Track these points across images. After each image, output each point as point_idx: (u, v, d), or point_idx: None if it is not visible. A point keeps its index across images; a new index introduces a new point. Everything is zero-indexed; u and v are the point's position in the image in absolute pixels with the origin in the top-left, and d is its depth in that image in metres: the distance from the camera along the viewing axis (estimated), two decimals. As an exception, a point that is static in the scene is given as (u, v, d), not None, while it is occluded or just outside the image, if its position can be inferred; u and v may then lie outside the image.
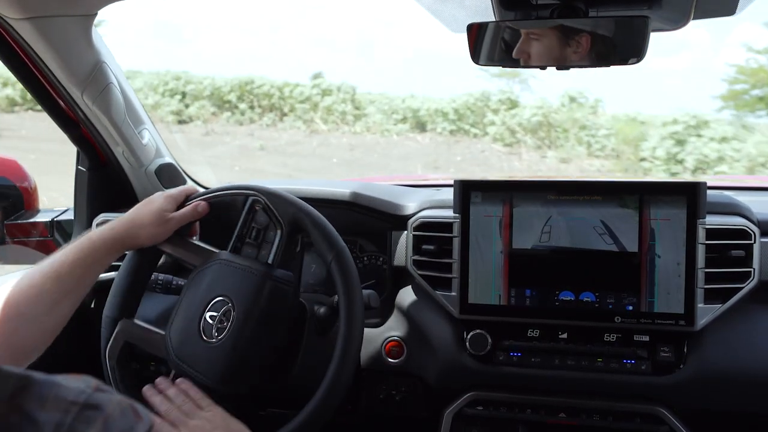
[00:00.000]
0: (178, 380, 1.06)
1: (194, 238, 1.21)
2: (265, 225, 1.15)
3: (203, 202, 1.16)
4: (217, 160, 10.05)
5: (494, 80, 11.76)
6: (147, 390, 1.06)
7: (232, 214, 1.46)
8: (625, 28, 1.11)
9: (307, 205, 1.12)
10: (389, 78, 18.55)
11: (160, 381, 1.07)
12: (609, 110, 10.91)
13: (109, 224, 1.11)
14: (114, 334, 1.17)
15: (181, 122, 12.11)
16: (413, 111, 11.52)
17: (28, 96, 1.42)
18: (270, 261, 1.12)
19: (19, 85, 1.38)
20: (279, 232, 1.13)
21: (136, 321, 1.17)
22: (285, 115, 12.24)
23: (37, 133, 9.30)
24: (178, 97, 12.41)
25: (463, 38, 1.17)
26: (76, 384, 0.50)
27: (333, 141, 11.40)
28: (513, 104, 10.90)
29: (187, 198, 1.18)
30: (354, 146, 11.08)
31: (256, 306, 1.07)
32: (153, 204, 1.14)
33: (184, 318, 1.11)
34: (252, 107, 12.40)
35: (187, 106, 12.33)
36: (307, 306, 1.14)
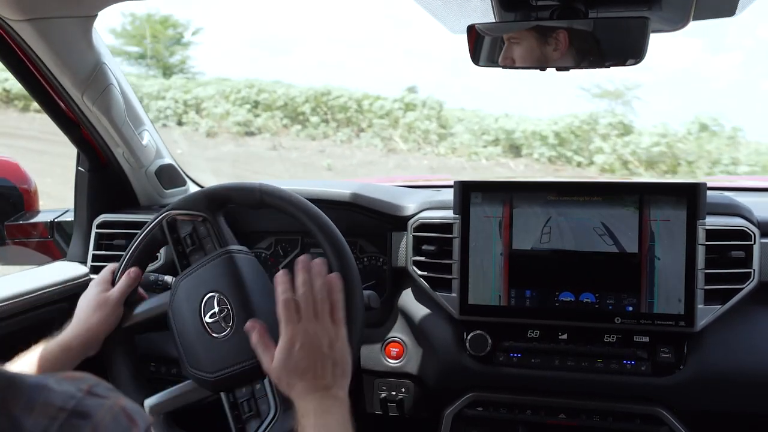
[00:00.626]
0: (318, 260, 0.97)
1: (144, 302, 1.20)
2: (189, 230, 1.17)
3: (133, 268, 1.16)
4: (270, 179, 9.38)
5: (595, 101, 10.52)
6: (281, 276, 0.97)
7: (242, 218, 1.47)
8: (625, 29, 1.11)
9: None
10: (481, 94, 17.12)
11: (284, 273, 0.97)
12: (751, 140, 9.01)
13: (61, 339, 1.09)
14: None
15: (248, 134, 11.14)
16: (507, 132, 10.04)
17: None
18: (217, 247, 1.14)
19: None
20: (207, 226, 1.16)
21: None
22: (362, 131, 11.00)
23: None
24: (248, 106, 11.44)
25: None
26: (67, 387, 0.48)
27: (412, 162, 10.14)
28: (626, 130, 9.34)
29: (114, 273, 1.17)
30: (435, 169, 9.81)
31: (241, 282, 1.09)
32: (87, 295, 1.14)
33: (184, 328, 1.11)
34: (326, 121, 11.22)
35: (257, 116, 11.36)
36: None
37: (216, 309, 1.08)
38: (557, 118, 9.87)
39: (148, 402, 1.09)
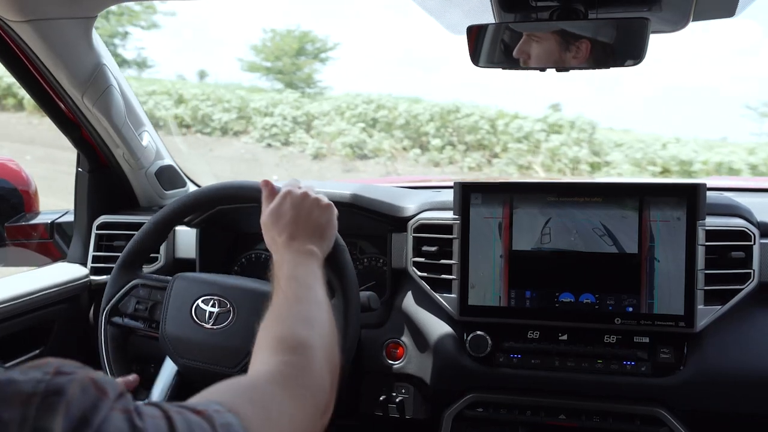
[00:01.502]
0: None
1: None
2: (132, 308, 1.21)
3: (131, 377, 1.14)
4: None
5: (764, 120, 8.26)
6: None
7: (241, 220, 1.47)
8: (625, 30, 1.11)
9: None
10: (629, 113, 13.96)
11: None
12: None
13: None
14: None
15: (359, 157, 9.49)
16: (682, 164, 7.69)
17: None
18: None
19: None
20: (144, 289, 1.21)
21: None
22: (495, 156, 8.98)
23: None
24: (362, 124, 9.70)
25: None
26: (33, 374, 0.47)
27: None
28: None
29: None
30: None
31: (203, 277, 1.15)
32: None
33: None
34: (452, 144, 9.28)
35: (371, 136, 9.58)
36: None
37: (208, 308, 1.11)
38: (753, 145, 7.33)
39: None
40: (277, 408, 0.64)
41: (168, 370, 1.18)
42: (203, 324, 1.11)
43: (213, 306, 1.11)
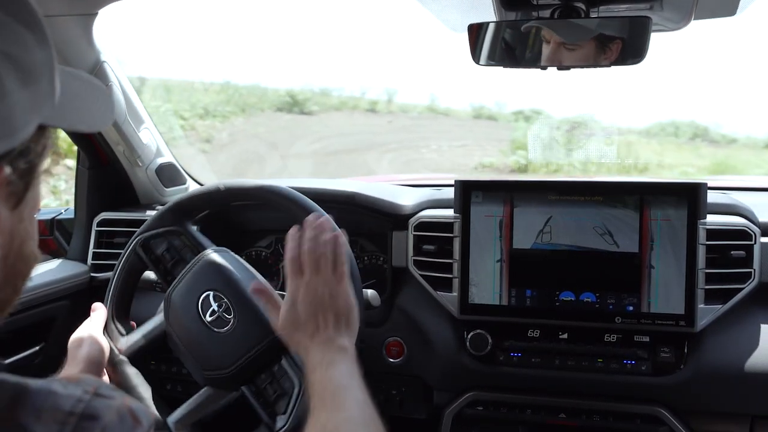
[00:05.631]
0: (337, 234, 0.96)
1: (140, 327, 1.18)
2: (165, 247, 1.18)
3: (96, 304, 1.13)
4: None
5: None
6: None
7: (243, 217, 1.47)
8: (626, 29, 1.11)
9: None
10: None
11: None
12: None
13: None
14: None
15: None
16: None
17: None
18: (195, 255, 1.15)
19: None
20: (181, 238, 1.17)
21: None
22: None
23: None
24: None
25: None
26: (73, 390, 0.48)
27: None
28: None
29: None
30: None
31: (228, 275, 1.11)
32: (73, 335, 1.08)
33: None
34: None
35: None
36: None
37: (214, 305, 1.09)
38: None
39: (171, 418, 1.09)
40: None
41: (158, 320, 1.16)
42: (203, 317, 1.10)
43: (219, 306, 1.10)
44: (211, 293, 1.10)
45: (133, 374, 1.13)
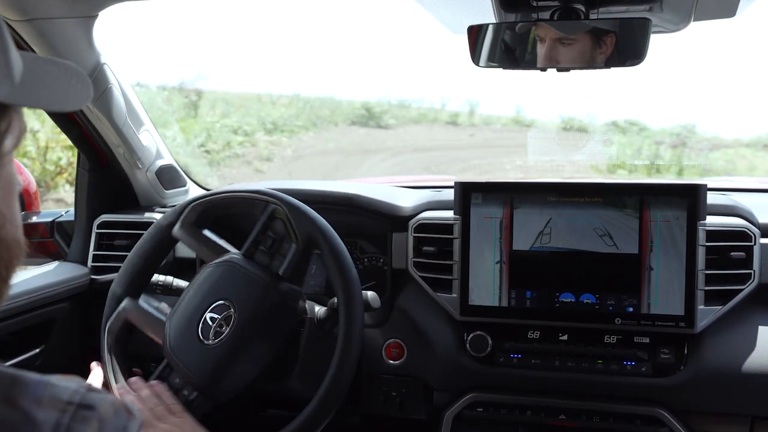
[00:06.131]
0: (153, 382, 1.07)
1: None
2: (282, 236, 1.15)
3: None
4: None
5: None
6: (120, 388, 1.07)
7: (244, 221, 1.47)
8: (626, 30, 1.11)
9: (326, 224, 1.12)
10: None
11: (135, 381, 1.08)
12: None
13: None
14: (117, 312, 1.18)
15: None
16: None
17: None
18: (281, 273, 1.12)
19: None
20: (294, 246, 1.13)
21: (141, 303, 1.18)
22: None
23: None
24: None
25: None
26: (69, 384, 0.51)
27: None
28: None
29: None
30: None
31: (257, 315, 1.08)
32: None
33: (184, 312, 1.11)
34: None
35: None
36: (306, 307, 1.15)
37: (219, 317, 1.09)
38: None
39: None
40: None
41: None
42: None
43: (218, 324, 1.08)
44: (232, 309, 1.09)
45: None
